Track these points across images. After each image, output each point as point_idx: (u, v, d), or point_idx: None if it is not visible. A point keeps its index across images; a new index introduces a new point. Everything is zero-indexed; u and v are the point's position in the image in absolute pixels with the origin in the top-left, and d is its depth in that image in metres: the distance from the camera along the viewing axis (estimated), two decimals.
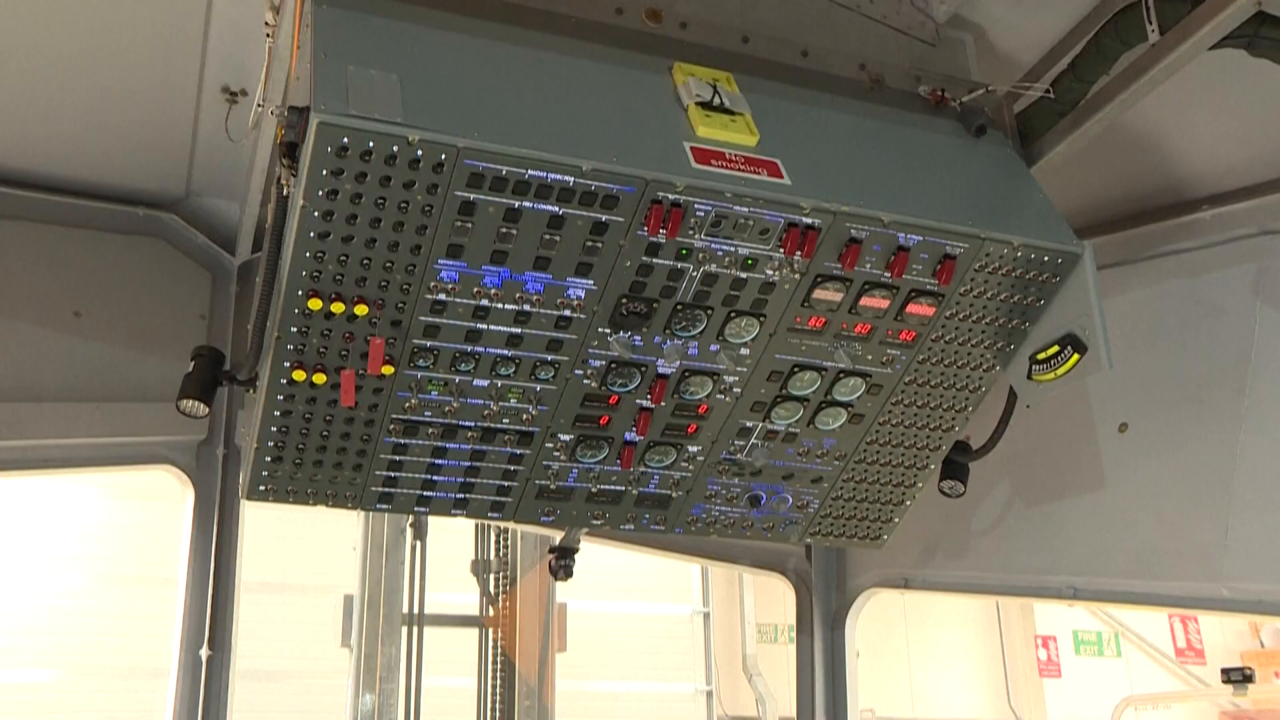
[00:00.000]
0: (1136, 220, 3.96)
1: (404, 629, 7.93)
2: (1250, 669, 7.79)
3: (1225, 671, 7.52)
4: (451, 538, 8.73)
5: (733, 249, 2.77)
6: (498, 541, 8.35)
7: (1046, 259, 2.94)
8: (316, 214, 2.50)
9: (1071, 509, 3.84)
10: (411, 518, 7.80)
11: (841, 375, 3.14)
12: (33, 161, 4.09)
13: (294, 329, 2.72)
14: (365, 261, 2.61)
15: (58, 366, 4.09)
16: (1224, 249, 3.70)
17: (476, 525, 8.27)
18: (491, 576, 8.35)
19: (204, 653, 4.28)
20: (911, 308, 2.99)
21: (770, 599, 14.69)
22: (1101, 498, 3.76)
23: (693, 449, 3.25)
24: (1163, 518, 3.58)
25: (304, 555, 11.82)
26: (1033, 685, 16.30)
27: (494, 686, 8.20)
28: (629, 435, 3.16)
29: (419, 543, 8.08)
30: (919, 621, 15.49)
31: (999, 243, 2.89)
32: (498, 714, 8.10)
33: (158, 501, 11.24)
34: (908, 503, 3.56)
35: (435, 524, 8.18)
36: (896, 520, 3.61)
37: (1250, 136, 3.59)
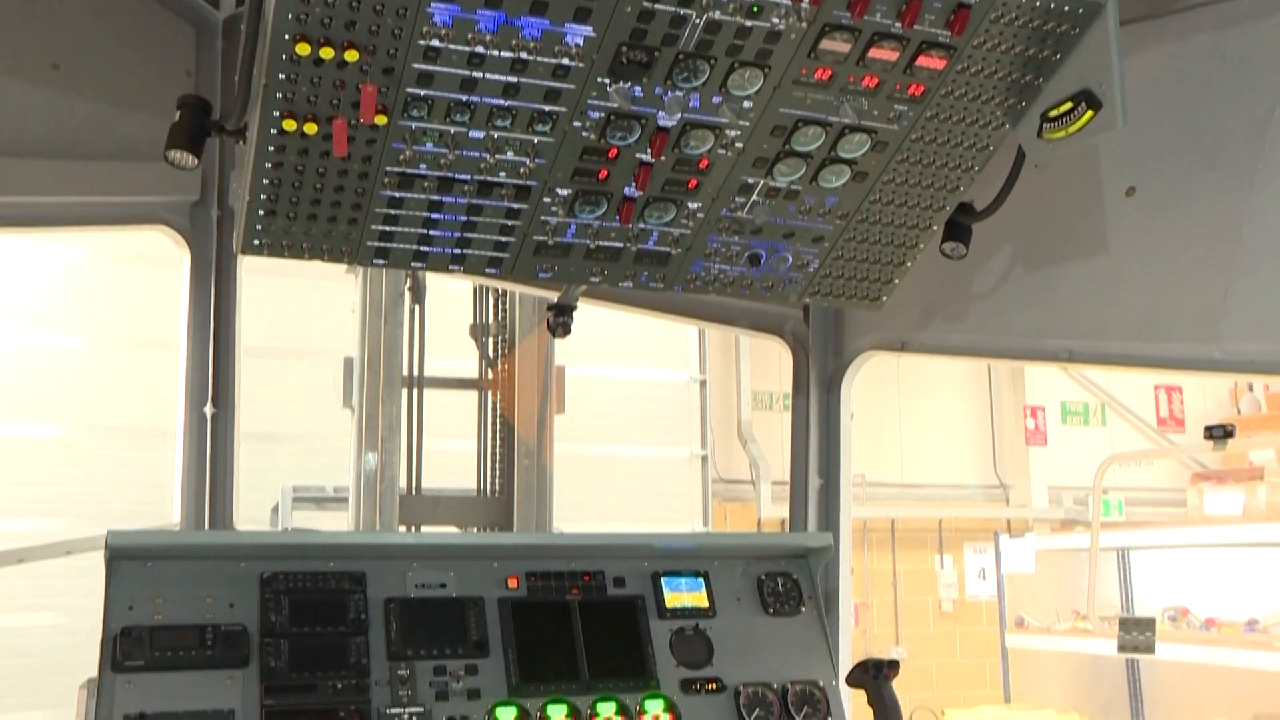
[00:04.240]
0: None
1: (404, 391, 8.05)
2: (1232, 425, 8.09)
3: (1208, 429, 7.79)
4: (449, 302, 8.75)
5: None
6: (496, 305, 8.37)
7: (1066, 9, 2.82)
8: None
9: (1072, 273, 3.82)
10: (409, 280, 7.80)
11: (846, 131, 3.06)
12: None
13: (282, 75, 2.63)
14: (354, 3, 2.50)
15: (38, 120, 3.97)
16: None
17: (475, 289, 8.28)
18: (490, 340, 8.41)
19: (209, 410, 4.33)
20: (921, 60, 2.88)
21: (766, 368, 14.91)
22: (1103, 262, 3.73)
23: (693, 205, 3.20)
24: (1163, 281, 3.56)
25: (303, 320, 11.89)
26: (1019, 453, 16.77)
27: (493, 447, 8.37)
28: (628, 190, 3.11)
29: (417, 306, 8.11)
30: (912, 393, 15.77)
31: None
32: (498, 473, 8.30)
33: (151, 266, 11.19)
34: (908, 263, 3.54)
35: (433, 288, 8.19)
36: (896, 281, 3.60)
37: None
